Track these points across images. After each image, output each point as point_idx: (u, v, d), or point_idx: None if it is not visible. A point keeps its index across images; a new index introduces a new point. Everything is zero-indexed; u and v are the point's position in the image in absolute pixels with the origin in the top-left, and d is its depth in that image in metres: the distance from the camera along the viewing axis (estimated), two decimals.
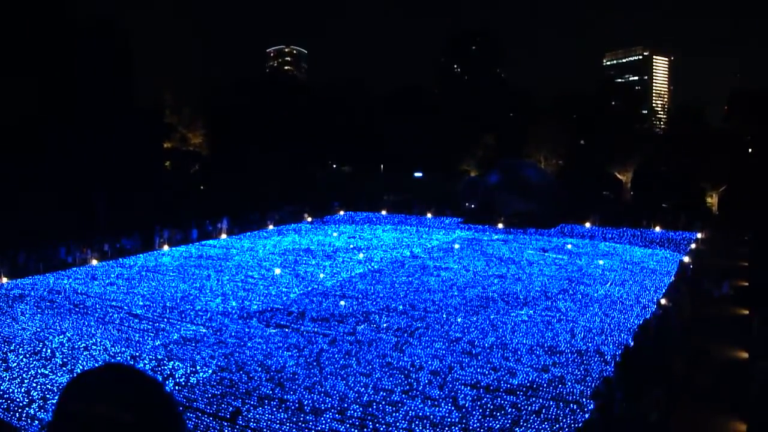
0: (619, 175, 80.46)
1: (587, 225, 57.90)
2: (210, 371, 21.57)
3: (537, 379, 21.06)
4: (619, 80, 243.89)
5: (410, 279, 36.55)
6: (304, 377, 21.04)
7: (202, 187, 78.20)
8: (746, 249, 47.88)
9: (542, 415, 18.45)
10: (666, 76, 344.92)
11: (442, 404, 19.05)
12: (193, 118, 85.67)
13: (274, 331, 26.32)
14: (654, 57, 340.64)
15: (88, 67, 58.05)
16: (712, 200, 73.49)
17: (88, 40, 59.55)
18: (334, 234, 53.55)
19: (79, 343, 24.41)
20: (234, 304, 30.64)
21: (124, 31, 67.78)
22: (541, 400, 19.42)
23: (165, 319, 27.94)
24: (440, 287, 34.52)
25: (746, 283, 35.94)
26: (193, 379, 20.84)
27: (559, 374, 21.52)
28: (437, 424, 17.80)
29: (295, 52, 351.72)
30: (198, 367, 21.89)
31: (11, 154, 51.97)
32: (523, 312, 29.58)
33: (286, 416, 18.14)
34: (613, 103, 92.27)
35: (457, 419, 18.09)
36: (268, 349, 23.87)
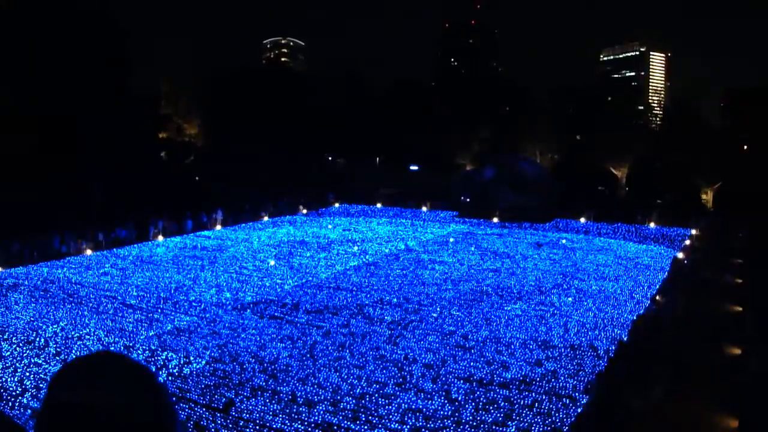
0: (614, 171, 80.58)
1: (582, 220, 57.99)
2: (203, 362, 21.57)
3: (530, 374, 21.11)
4: (616, 76, 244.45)
5: (405, 272, 36.58)
6: (298, 369, 21.05)
7: (197, 178, 78.01)
8: (741, 245, 48.02)
9: (535, 409, 18.50)
10: (663, 71, 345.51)
11: (435, 397, 19.09)
12: (188, 109, 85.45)
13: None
14: (651, 53, 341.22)
15: (84, 56, 57.77)
16: (707, 196, 73.65)
17: (83, 29, 59.25)
18: (329, 226, 53.53)
19: (73, 332, 24.37)
20: (228, 295, 30.63)
21: (120, 21, 67.47)
22: (534, 394, 19.48)
23: (159, 310, 27.92)
24: (434, 280, 34.56)
25: (740, 280, 36.08)
26: (186, 370, 20.84)
27: (552, 368, 21.59)
28: (430, 417, 17.83)
29: (291, 43, 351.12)
30: (191, 358, 21.88)
31: (4, 145, 51.72)
32: (516, 306, 29.65)
33: (279, 407, 18.16)
34: (610, 98, 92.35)
35: (449, 412, 18.13)
36: (262, 341, 23.88)
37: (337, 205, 67.77)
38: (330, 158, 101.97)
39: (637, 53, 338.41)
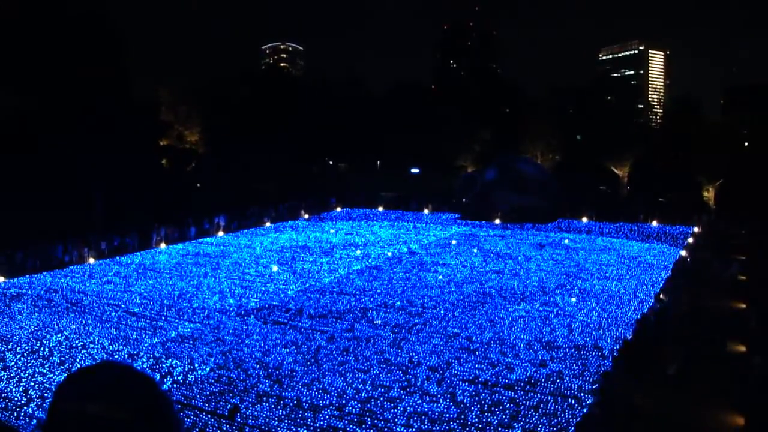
0: (615, 170, 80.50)
1: (584, 220, 57.95)
2: (208, 369, 21.56)
3: (535, 375, 21.09)
4: (615, 75, 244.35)
5: (407, 275, 36.55)
6: (302, 374, 21.03)
7: (198, 185, 78.02)
8: (743, 242, 47.97)
9: (540, 410, 18.48)
10: (662, 70, 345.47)
11: (441, 400, 19.07)
12: (189, 116, 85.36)
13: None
14: (650, 51, 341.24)
15: (83, 64, 57.78)
16: (709, 194, 73.56)
17: (82, 36, 59.26)
18: (331, 231, 53.51)
19: (77, 341, 24.37)
20: (231, 301, 30.62)
21: (119, 28, 67.54)
22: (539, 395, 19.45)
23: (162, 317, 27.91)
24: (438, 283, 34.53)
25: (743, 277, 36.02)
26: (191, 377, 20.83)
27: (557, 369, 21.55)
28: (435, 420, 17.81)
29: (290, 48, 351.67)
30: (196, 365, 21.87)
31: (6, 152, 51.78)
32: (520, 307, 29.61)
33: (284, 413, 18.15)
34: (609, 97, 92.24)
35: (455, 415, 18.11)
36: (266, 347, 23.87)
37: (338, 209, 67.78)
38: (331, 162, 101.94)
39: (636, 52, 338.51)
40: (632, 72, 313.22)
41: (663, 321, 25.94)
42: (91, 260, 40.22)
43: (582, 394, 19.49)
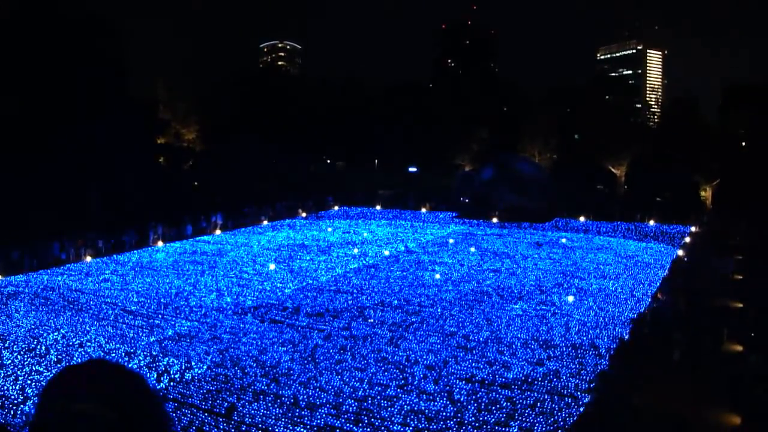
0: (613, 169, 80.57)
1: (581, 219, 57.96)
2: (205, 367, 21.55)
3: (532, 373, 21.10)
4: (613, 74, 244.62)
5: (405, 274, 36.56)
6: (299, 372, 21.03)
7: (195, 183, 77.97)
8: (740, 242, 48.01)
9: (537, 408, 18.49)
10: (660, 69, 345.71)
11: (438, 398, 19.07)
12: (186, 114, 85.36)
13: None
14: (648, 51, 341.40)
15: (81, 62, 57.71)
16: (706, 194, 73.64)
17: (80, 36, 59.19)
18: (329, 229, 53.49)
19: (74, 339, 24.34)
20: (229, 299, 30.60)
21: (117, 26, 67.51)
22: (536, 394, 19.46)
23: (160, 316, 27.89)
24: (435, 282, 34.54)
25: (740, 277, 36.07)
26: (188, 375, 20.82)
27: (554, 368, 21.57)
28: (432, 418, 17.82)
29: (288, 47, 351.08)
30: (193, 363, 21.86)
31: (3, 151, 51.69)
32: (517, 306, 29.63)
33: (281, 411, 18.15)
34: (607, 96, 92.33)
35: (452, 413, 18.12)
36: (263, 345, 23.86)
37: (336, 207, 67.76)
38: (329, 161, 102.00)
39: (634, 51, 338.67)
40: (630, 71, 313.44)
41: (659, 320, 25.96)
42: (88, 258, 40.17)
43: (579, 393, 19.51)
